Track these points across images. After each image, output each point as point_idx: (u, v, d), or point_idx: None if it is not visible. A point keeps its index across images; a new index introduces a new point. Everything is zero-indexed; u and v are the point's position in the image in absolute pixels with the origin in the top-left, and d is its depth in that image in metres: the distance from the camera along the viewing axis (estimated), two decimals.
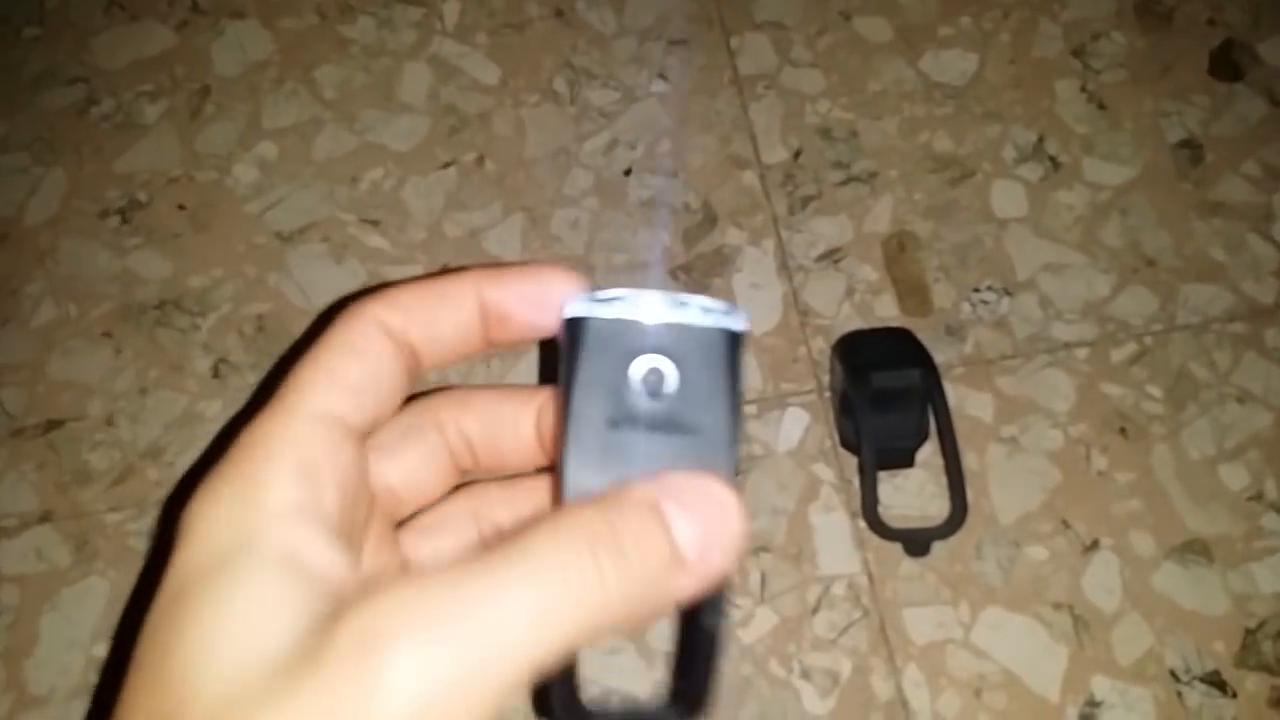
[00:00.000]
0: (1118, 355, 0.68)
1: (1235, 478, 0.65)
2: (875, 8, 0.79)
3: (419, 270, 0.71)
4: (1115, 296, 0.70)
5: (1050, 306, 0.70)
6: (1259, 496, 0.64)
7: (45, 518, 0.65)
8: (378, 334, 0.28)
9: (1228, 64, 0.77)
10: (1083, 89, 0.76)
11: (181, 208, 0.74)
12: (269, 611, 0.22)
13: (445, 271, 0.28)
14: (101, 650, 0.62)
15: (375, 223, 0.73)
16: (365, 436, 0.28)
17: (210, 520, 0.24)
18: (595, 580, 0.22)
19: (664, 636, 0.62)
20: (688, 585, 0.24)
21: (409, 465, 0.31)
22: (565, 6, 0.80)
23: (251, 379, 0.69)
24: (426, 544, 0.32)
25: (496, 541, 0.24)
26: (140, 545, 0.65)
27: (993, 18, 0.79)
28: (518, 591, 0.22)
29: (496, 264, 0.32)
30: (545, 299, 0.29)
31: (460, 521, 0.32)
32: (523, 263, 0.29)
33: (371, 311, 0.28)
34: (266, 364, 0.69)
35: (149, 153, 0.75)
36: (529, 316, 0.29)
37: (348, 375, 0.27)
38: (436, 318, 0.29)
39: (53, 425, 0.68)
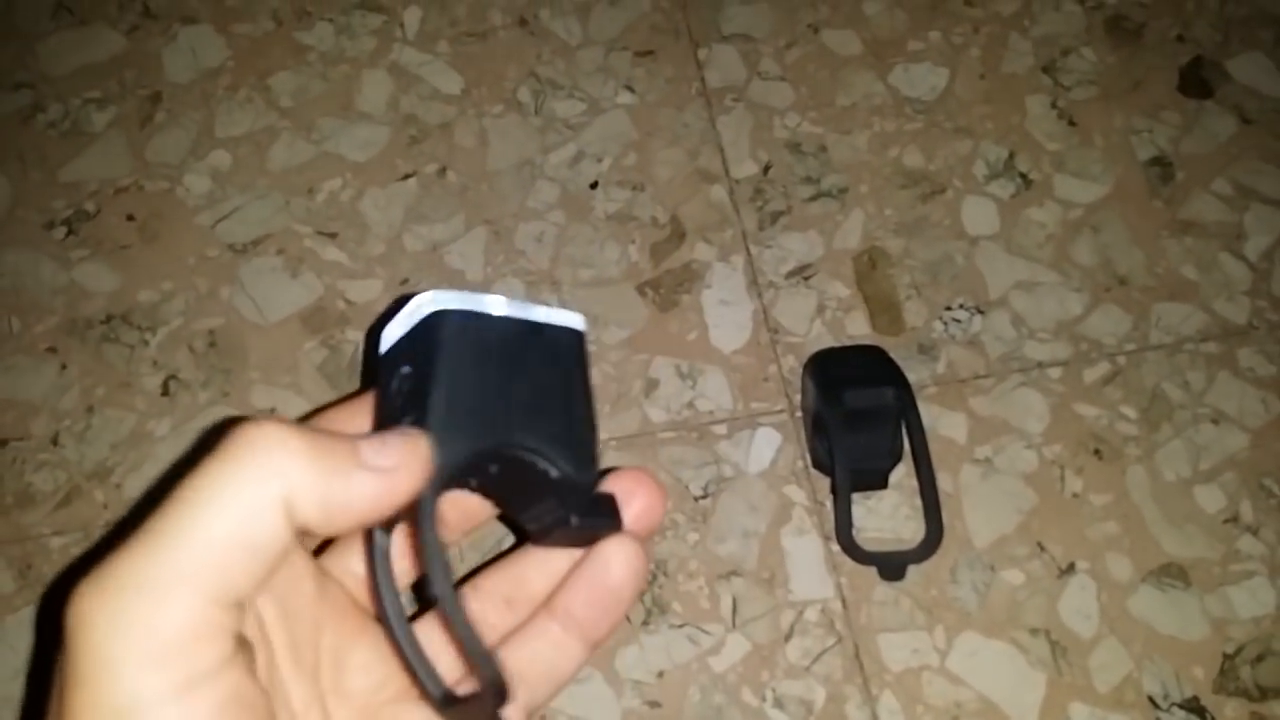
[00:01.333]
0: (1091, 375, 0.67)
1: (1211, 500, 0.64)
2: (844, 21, 0.78)
3: (378, 285, 0.69)
4: (1088, 315, 0.69)
5: (1023, 325, 0.69)
6: (1235, 519, 0.64)
7: None
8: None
9: (1198, 81, 0.76)
10: (1053, 105, 0.76)
11: (130, 218, 0.71)
12: None
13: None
14: None
15: (332, 235, 0.71)
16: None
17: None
18: (271, 472, 0.25)
19: (631, 664, 0.60)
20: (370, 481, 0.26)
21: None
22: (529, 15, 0.78)
23: (202, 397, 0.66)
24: (357, 560, 0.33)
25: None
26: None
27: (963, 32, 0.78)
28: (189, 501, 0.24)
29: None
30: None
31: None
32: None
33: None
34: (218, 381, 0.67)
35: (97, 161, 0.73)
36: None
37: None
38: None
39: None
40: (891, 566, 0.61)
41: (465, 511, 0.34)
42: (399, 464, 0.27)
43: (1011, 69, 0.77)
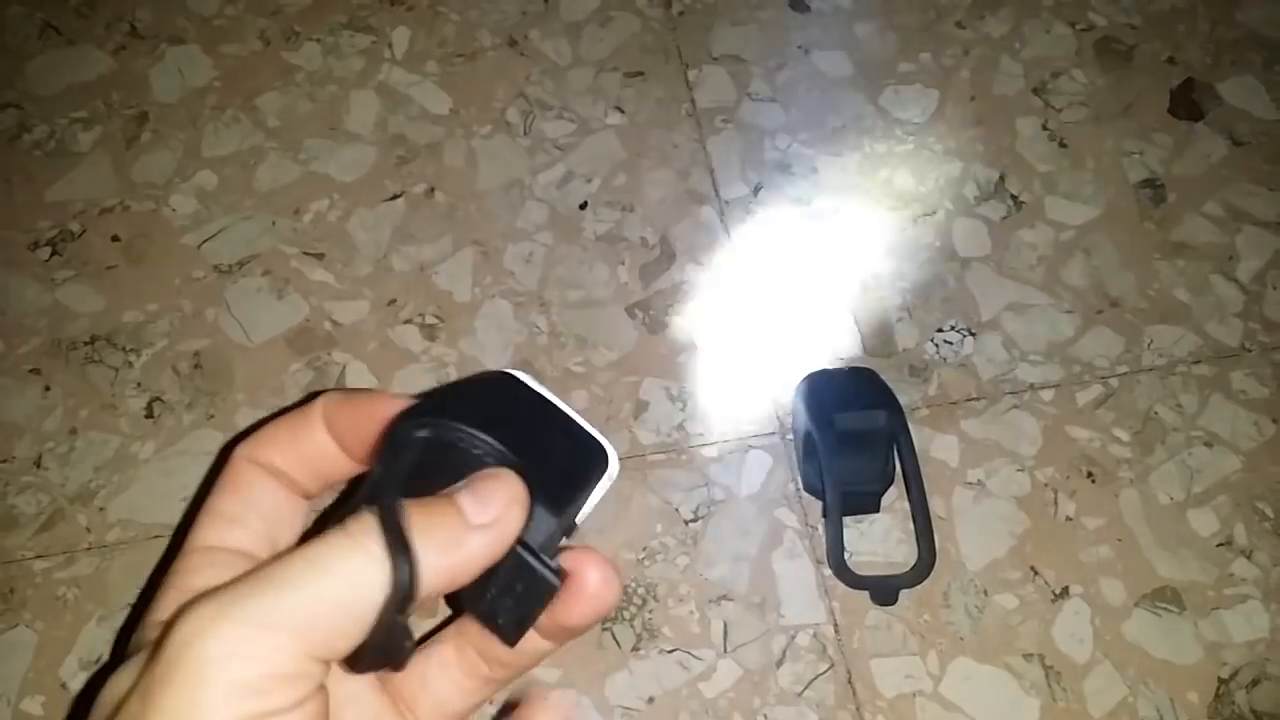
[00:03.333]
0: (1084, 397, 0.67)
1: (1205, 523, 0.64)
2: (835, 42, 0.78)
3: (365, 305, 0.69)
4: (1080, 337, 0.69)
5: (1015, 347, 0.68)
6: (1229, 542, 0.63)
7: None
8: (249, 468, 0.31)
9: (1188, 103, 0.76)
10: (1044, 127, 0.75)
11: (115, 239, 0.70)
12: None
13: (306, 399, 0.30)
14: (32, 706, 0.59)
15: (319, 256, 0.70)
16: (266, 551, 0.31)
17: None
18: (379, 547, 0.25)
19: (621, 690, 0.59)
20: (484, 539, 0.27)
21: None
22: (519, 36, 0.78)
23: (187, 419, 0.65)
24: None
25: None
26: (70, 594, 0.61)
27: (953, 54, 0.78)
28: (308, 561, 0.25)
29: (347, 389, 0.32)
30: (371, 427, 0.30)
31: None
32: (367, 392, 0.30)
33: (242, 451, 0.31)
34: (203, 403, 0.66)
35: (82, 181, 0.72)
36: (356, 445, 0.31)
37: (225, 511, 0.30)
38: (296, 445, 0.31)
39: None
40: (884, 591, 0.61)
41: None
42: (502, 513, 0.28)
43: (1002, 91, 0.77)
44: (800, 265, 0.70)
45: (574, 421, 0.33)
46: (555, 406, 0.34)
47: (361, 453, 0.31)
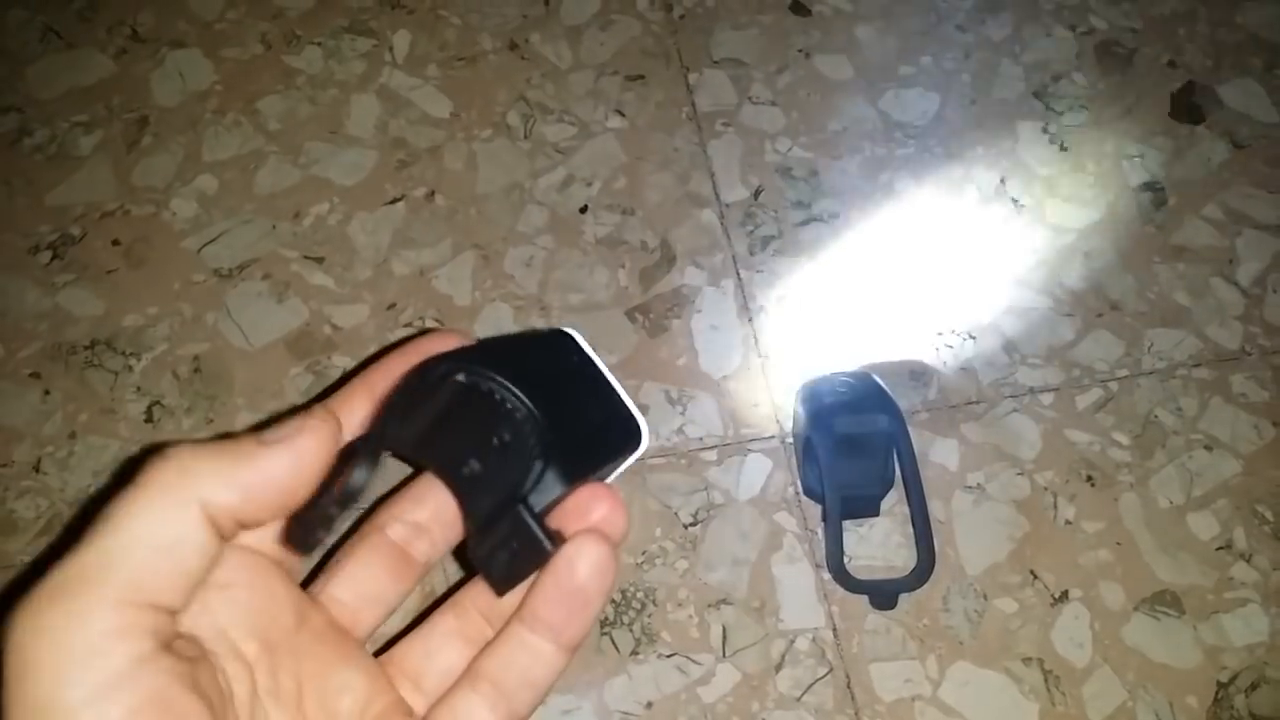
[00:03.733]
0: (1083, 401, 0.67)
1: (1204, 527, 0.63)
2: (835, 46, 0.78)
3: (365, 309, 0.69)
4: (1080, 341, 0.69)
5: (1014, 351, 0.68)
6: (1228, 546, 0.63)
7: None
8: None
9: (1189, 106, 0.76)
10: (1044, 130, 0.75)
11: (116, 243, 0.71)
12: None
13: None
14: None
15: (319, 260, 0.70)
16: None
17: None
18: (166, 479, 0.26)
19: (619, 695, 0.59)
20: (276, 455, 0.28)
21: (352, 577, 0.33)
22: (519, 39, 0.78)
23: (186, 423, 0.66)
24: (337, 584, 0.34)
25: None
26: None
27: (953, 57, 0.78)
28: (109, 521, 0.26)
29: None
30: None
31: (366, 551, 0.34)
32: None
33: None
34: (203, 408, 0.66)
35: (83, 185, 0.72)
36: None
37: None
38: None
39: None
40: (883, 595, 0.61)
41: (445, 523, 0.35)
42: (298, 430, 0.28)
43: (1002, 94, 0.77)
44: (800, 269, 0.70)
45: (615, 392, 0.34)
46: (602, 375, 0.34)
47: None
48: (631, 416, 0.34)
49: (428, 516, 0.34)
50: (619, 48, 0.78)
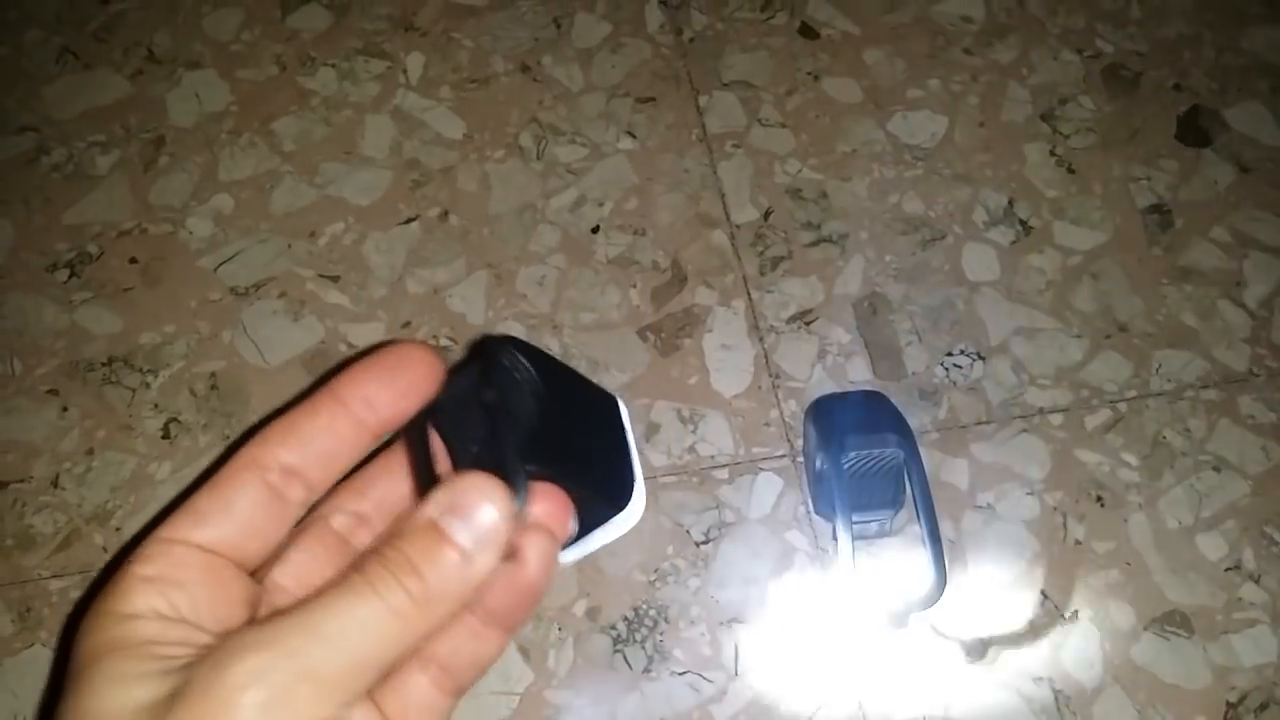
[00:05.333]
0: (1092, 422, 0.67)
1: (1213, 548, 0.64)
2: (844, 69, 0.79)
3: (380, 327, 0.69)
4: (1088, 362, 0.69)
5: (1024, 371, 0.69)
6: (1237, 566, 0.63)
7: None
8: (241, 470, 0.31)
9: (1195, 129, 0.77)
10: (1052, 153, 0.76)
11: (133, 261, 0.71)
12: (131, 681, 0.26)
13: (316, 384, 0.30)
14: None
15: (334, 278, 0.71)
16: (233, 552, 0.31)
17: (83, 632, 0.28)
18: (403, 596, 0.27)
19: (632, 712, 0.59)
20: (481, 567, 0.29)
21: (296, 565, 0.34)
22: (531, 62, 0.79)
23: (203, 440, 0.66)
24: (281, 571, 0.34)
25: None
26: None
27: (961, 80, 0.79)
28: (340, 615, 0.27)
29: (358, 358, 0.32)
30: (402, 382, 0.32)
31: (311, 540, 0.35)
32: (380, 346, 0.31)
33: (245, 452, 0.31)
34: (219, 424, 0.66)
35: (100, 204, 0.73)
36: (392, 404, 0.31)
37: (197, 506, 0.30)
38: (307, 436, 0.31)
39: None
40: (895, 614, 0.61)
41: (387, 514, 0.36)
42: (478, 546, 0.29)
43: (1010, 117, 0.78)
44: (809, 290, 0.71)
45: (629, 459, 0.34)
46: (626, 443, 0.35)
47: (390, 419, 0.32)
48: (631, 484, 0.34)
49: (370, 508, 0.35)
50: (630, 70, 0.78)
